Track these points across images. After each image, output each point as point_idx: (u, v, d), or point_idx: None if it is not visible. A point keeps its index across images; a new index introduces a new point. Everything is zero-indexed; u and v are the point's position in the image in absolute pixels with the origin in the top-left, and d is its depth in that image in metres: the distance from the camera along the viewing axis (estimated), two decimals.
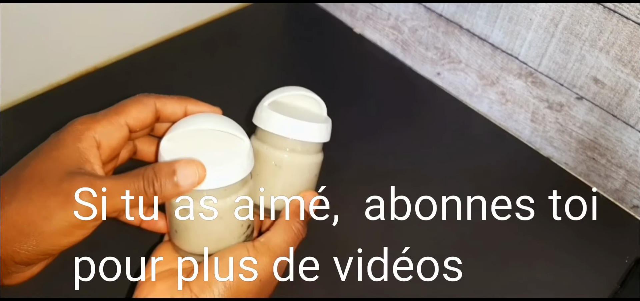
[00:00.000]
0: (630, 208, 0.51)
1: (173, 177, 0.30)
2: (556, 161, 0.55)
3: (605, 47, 0.47)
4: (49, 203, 0.28)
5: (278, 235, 0.34)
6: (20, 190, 0.29)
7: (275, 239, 0.34)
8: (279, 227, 0.35)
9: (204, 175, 0.31)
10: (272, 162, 0.38)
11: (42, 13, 0.53)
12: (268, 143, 0.38)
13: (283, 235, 0.34)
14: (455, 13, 0.56)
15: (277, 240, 0.34)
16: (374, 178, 0.52)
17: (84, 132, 0.31)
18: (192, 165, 0.30)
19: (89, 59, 0.59)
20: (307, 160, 0.39)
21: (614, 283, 0.45)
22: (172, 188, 0.30)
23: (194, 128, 0.34)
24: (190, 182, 0.30)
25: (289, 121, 0.37)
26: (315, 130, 0.39)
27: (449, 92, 0.62)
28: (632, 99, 0.47)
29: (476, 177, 0.53)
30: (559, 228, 0.49)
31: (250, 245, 0.33)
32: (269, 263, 0.33)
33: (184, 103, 0.36)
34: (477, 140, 0.57)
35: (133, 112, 0.34)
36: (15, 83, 0.54)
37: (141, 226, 0.39)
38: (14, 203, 0.28)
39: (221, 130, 0.35)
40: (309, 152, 0.39)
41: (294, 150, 0.38)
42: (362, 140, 0.55)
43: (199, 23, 0.67)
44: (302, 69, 0.64)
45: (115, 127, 0.33)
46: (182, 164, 0.30)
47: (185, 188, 0.30)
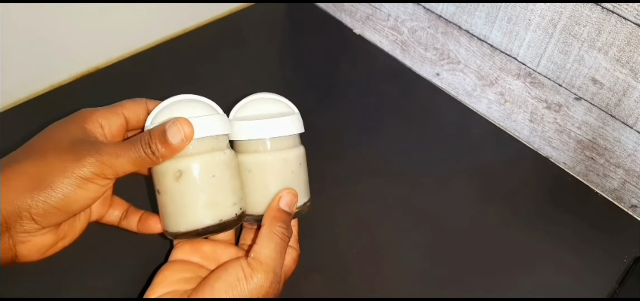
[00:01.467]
0: (629, 207, 0.51)
1: (164, 136, 0.33)
2: (555, 161, 0.56)
3: (604, 47, 0.47)
4: (63, 158, 0.31)
5: (265, 246, 0.35)
6: (34, 152, 0.32)
7: (263, 251, 0.34)
8: (263, 237, 0.35)
9: (191, 130, 0.34)
10: (244, 169, 0.38)
11: (42, 13, 0.53)
12: (238, 152, 0.39)
13: (269, 243, 0.35)
14: (454, 14, 0.57)
15: (266, 251, 0.34)
16: (373, 178, 0.52)
17: (89, 116, 0.35)
18: (177, 122, 0.33)
19: (90, 59, 0.59)
20: (275, 158, 0.38)
21: (612, 283, 0.45)
22: (165, 147, 0.33)
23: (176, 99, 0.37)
24: (179, 138, 0.33)
25: (243, 124, 0.38)
26: (271, 126, 0.38)
27: (448, 92, 0.62)
28: (630, 99, 0.47)
29: (475, 177, 0.53)
30: (558, 228, 0.49)
31: (245, 263, 0.34)
32: (265, 278, 0.34)
33: None
34: (476, 140, 0.57)
35: (129, 106, 0.37)
36: (15, 84, 0.54)
37: (138, 230, 0.40)
38: (29, 160, 0.31)
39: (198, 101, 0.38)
40: (277, 149, 0.38)
41: (257, 151, 0.38)
42: (362, 140, 0.55)
43: (200, 24, 0.67)
44: (302, 69, 0.65)
45: (115, 115, 0.36)
46: (170, 123, 0.33)
47: (176, 144, 0.33)
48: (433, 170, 0.53)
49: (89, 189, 0.32)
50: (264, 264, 0.34)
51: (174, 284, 0.35)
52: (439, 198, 0.51)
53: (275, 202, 0.37)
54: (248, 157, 0.38)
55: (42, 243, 0.32)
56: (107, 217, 0.40)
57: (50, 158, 0.31)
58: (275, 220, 0.36)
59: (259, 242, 0.35)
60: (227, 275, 0.33)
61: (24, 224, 0.31)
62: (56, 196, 0.31)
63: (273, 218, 0.36)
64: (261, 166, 0.38)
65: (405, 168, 0.53)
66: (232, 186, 0.36)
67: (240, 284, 0.33)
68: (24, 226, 0.31)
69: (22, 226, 0.31)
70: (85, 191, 0.31)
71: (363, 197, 0.50)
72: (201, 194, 0.35)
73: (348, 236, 0.46)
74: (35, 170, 0.31)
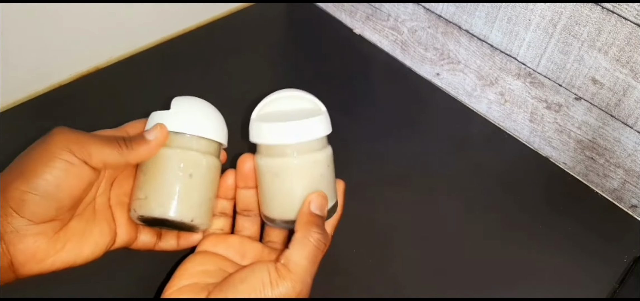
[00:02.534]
0: (629, 207, 0.51)
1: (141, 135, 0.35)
2: (555, 161, 0.56)
3: (604, 47, 0.47)
4: (48, 149, 0.31)
5: (296, 253, 0.33)
6: (24, 153, 0.33)
7: (294, 257, 0.33)
8: (296, 243, 0.34)
9: (165, 131, 0.36)
10: (271, 173, 0.36)
11: (42, 13, 0.53)
12: (262, 154, 0.37)
13: (302, 250, 0.33)
14: (454, 14, 0.57)
15: (296, 259, 0.33)
16: (373, 179, 0.52)
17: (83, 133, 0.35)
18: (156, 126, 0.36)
19: (90, 59, 0.59)
20: (304, 161, 0.36)
21: (612, 283, 0.45)
22: (140, 140, 0.35)
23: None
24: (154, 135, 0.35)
25: (269, 127, 0.36)
26: (299, 129, 0.36)
27: (448, 92, 0.62)
28: (630, 99, 0.47)
29: (475, 177, 0.53)
30: (558, 228, 0.49)
31: (273, 268, 0.33)
32: (291, 288, 0.32)
33: None
34: (476, 140, 0.57)
35: (128, 128, 0.38)
36: (15, 84, 0.54)
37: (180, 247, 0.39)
38: (21, 159, 0.32)
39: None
40: (305, 152, 0.36)
41: (284, 154, 0.36)
42: (361, 141, 0.55)
43: (200, 24, 0.67)
44: (302, 69, 0.65)
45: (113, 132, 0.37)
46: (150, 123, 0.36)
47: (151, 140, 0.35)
48: (432, 170, 0.53)
49: (68, 172, 0.31)
50: (292, 272, 0.32)
51: (196, 276, 0.35)
52: (439, 198, 0.51)
53: (306, 207, 0.35)
54: (274, 160, 0.36)
55: (36, 248, 0.31)
56: (139, 243, 0.39)
57: (37, 150, 0.32)
58: (309, 225, 0.34)
59: (291, 248, 0.33)
60: (253, 278, 0.32)
61: (10, 221, 0.30)
62: (37, 182, 0.30)
63: (307, 223, 0.34)
64: (289, 170, 0.36)
65: (404, 168, 0.53)
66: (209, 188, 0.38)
67: (265, 290, 0.32)
68: (11, 222, 0.30)
69: (8, 223, 0.30)
70: (63, 174, 0.31)
71: (362, 197, 0.50)
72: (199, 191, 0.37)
73: (347, 237, 0.46)
74: (24, 165, 0.31)
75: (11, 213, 0.30)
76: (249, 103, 0.58)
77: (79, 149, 0.32)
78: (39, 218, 0.31)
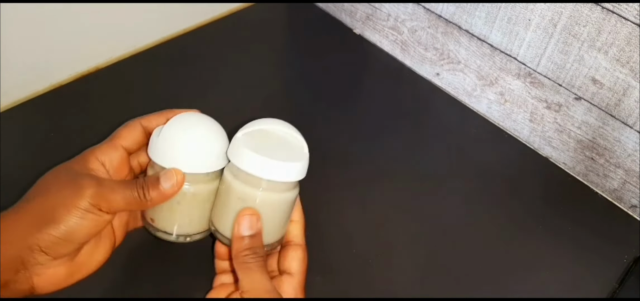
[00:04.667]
0: (629, 207, 0.51)
1: (157, 182, 0.36)
2: (554, 161, 0.56)
3: (604, 47, 0.47)
4: (64, 193, 0.34)
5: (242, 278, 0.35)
6: (40, 190, 0.35)
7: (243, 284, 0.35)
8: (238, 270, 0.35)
9: (181, 179, 0.36)
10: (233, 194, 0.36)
11: (42, 13, 0.53)
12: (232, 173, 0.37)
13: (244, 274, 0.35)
14: (454, 14, 0.57)
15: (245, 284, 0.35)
16: (373, 178, 0.52)
17: (90, 155, 0.36)
18: (171, 172, 0.36)
19: (90, 59, 0.59)
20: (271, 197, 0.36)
21: (612, 283, 0.45)
22: (156, 192, 0.36)
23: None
24: (170, 184, 0.36)
25: (245, 153, 0.35)
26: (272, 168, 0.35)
27: (448, 92, 0.62)
28: (630, 99, 0.47)
29: (475, 177, 0.53)
30: (558, 227, 0.49)
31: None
32: None
33: (165, 115, 0.39)
34: (476, 140, 0.57)
35: (124, 135, 0.38)
36: (15, 84, 0.54)
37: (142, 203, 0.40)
38: (36, 198, 0.34)
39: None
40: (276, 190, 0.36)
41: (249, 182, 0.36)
42: (361, 140, 0.55)
43: (200, 24, 0.67)
44: (302, 69, 0.65)
45: (114, 150, 0.37)
46: (164, 173, 0.36)
47: (167, 189, 0.36)
48: (432, 170, 0.53)
49: (89, 219, 0.34)
50: (249, 293, 0.34)
51: None
52: (439, 198, 0.51)
53: (236, 231, 0.36)
54: (245, 187, 0.36)
55: (56, 275, 0.34)
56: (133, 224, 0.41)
57: (53, 193, 0.34)
58: (239, 251, 0.35)
59: (239, 278, 0.35)
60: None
61: (37, 257, 0.33)
62: (60, 228, 0.33)
63: (237, 249, 0.35)
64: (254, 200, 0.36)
65: (404, 168, 0.53)
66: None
67: None
68: (37, 258, 0.33)
69: (35, 259, 0.33)
70: (85, 221, 0.34)
71: (362, 197, 0.50)
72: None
73: (346, 237, 0.46)
74: (41, 206, 0.33)
75: (40, 251, 0.33)
76: (248, 103, 0.58)
77: (102, 202, 0.34)
78: (62, 255, 0.34)
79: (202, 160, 0.37)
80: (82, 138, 0.45)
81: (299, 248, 0.38)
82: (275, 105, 0.59)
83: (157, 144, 0.37)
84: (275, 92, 0.61)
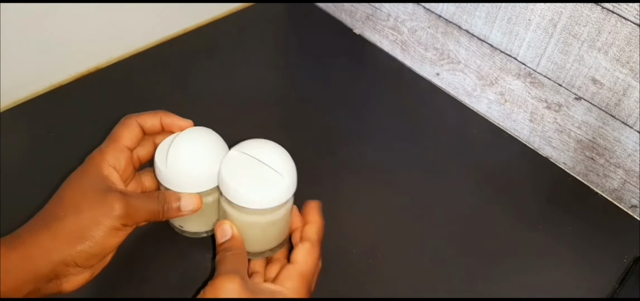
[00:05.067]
0: (629, 207, 0.51)
1: (179, 202, 0.40)
2: (554, 161, 0.56)
3: (604, 47, 0.47)
4: (97, 211, 0.36)
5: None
6: (70, 207, 0.37)
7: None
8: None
9: (199, 204, 0.40)
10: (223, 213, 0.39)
11: (42, 13, 0.53)
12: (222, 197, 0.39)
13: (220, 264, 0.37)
14: (454, 14, 0.57)
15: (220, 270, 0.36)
16: (372, 178, 0.52)
17: (101, 163, 0.39)
18: (190, 199, 0.40)
19: (90, 59, 0.59)
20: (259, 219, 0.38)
21: (612, 283, 0.45)
22: (176, 211, 0.40)
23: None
24: (190, 208, 0.40)
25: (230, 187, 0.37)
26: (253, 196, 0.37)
27: (448, 92, 0.62)
28: (630, 99, 0.47)
29: (475, 177, 0.53)
30: (558, 227, 0.49)
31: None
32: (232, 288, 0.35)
33: (158, 116, 0.42)
34: (476, 140, 0.57)
35: (126, 135, 0.40)
36: (15, 84, 0.54)
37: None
38: (69, 216, 0.36)
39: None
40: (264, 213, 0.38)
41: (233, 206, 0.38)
42: (362, 140, 0.55)
43: (200, 24, 0.67)
44: (302, 69, 0.65)
45: (120, 152, 0.40)
46: (184, 198, 0.40)
47: (187, 213, 0.40)
48: (433, 170, 0.53)
49: (119, 236, 0.37)
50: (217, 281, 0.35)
51: None
52: (439, 198, 0.51)
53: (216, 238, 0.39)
54: (233, 211, 0.38)
55: (82, 279, 0.38)
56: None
57: (86, 212, 0.36)
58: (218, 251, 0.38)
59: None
60: None
61: (70, 270, 0.36)
62: (95, 246, 0.36)
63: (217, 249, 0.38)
64: (242, 222, 0.38)
65: (405, 168, 0.53)
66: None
67: None
68: (70, 271, 0.36)
69: (68, 271, 0.36)
70: (115, 238, 0.37)
71: (362, 197, 0.50)
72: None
73: (347, 237, 0.46)
74: (75, 225, 0.36)
75: (74, 266, 0.36)
76: (249, 104, 0.58)
77: (129, 219, 0.37)
78: (92, 265, 0.38)
79: (212, 176, 0.40)
80: (82, 138, 0.46)
81: (307, 242, 0.38)
82: (275, 105, 0.59)
83: (168, 175, 0.40)
84: (276, 92, 0.61)
